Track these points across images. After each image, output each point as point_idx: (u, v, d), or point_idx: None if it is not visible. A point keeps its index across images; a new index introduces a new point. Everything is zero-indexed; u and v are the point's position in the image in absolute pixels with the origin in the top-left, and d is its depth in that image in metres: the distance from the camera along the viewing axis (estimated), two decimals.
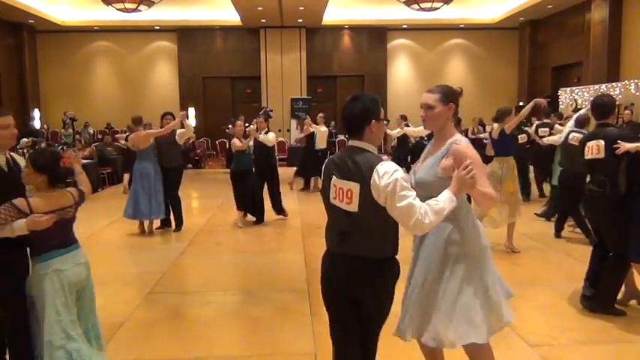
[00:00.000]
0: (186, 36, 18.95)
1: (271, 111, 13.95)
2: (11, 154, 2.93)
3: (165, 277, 5.34)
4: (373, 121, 2.39)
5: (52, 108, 18.47)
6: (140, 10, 14.70)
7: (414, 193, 2.23)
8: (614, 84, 12.32)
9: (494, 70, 19.23)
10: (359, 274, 2.37)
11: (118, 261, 6.14)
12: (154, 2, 14.67)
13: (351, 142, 2.41)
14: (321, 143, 10.92)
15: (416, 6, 14.43)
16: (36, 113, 17.91)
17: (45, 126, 17.80)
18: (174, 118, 7.19)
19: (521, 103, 17.54)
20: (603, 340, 3.70)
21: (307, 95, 18.56)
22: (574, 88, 13.96)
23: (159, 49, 19.37)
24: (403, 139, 11.37)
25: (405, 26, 18.77)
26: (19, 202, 2.67)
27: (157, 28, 18.59)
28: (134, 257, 6.32)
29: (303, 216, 8.30)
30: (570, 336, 3.74)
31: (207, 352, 3.65)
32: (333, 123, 18.20)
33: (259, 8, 15.80)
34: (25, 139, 13.13)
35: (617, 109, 4.23)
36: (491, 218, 6.01)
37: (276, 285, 5.06)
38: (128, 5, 14.16)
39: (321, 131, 10.91)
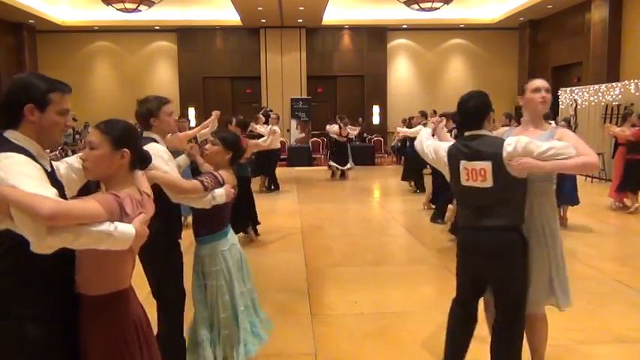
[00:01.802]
0: (186, 36, 18.95)
1: (270, 111, 13.96)
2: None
3: None
4: (491, 112, 2.84)
5: None
6: (140, 10, 14.70)
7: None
8: (614, 84, 12.32)
9: (494, 70, 19.22)
10: (495, 244, 2.69)
11: None
12: (154, 2, 14.68)
13: (470, 132, 2.79)
14: (274, 144, 10.94)
15: (416, 6, 14.44)
16: None
17: None
18: (187, 120, 7.48)
19: (520, 103, 17.55)
20: (603, 340, 3.70)
21: (307, 95, 18.57)
22: (574, 88, 13.95)
23: (159, 49, 19.37)
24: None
25: (405, 26, 18.78)
26: (216, 173, 2.83)
27: (156, 28, 18.59)
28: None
29: (303, 216, 8.30)
30: (570, 336, 3.73)
31: None
32: (337, 122, 18.18)
33: (259, 8, 15.80)
34: None
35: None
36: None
37: (276, 285, 5.05)
38: (128, 5, 14.17)
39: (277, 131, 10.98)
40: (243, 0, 14.92)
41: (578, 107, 13.15)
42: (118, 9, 14.40)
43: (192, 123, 18.89)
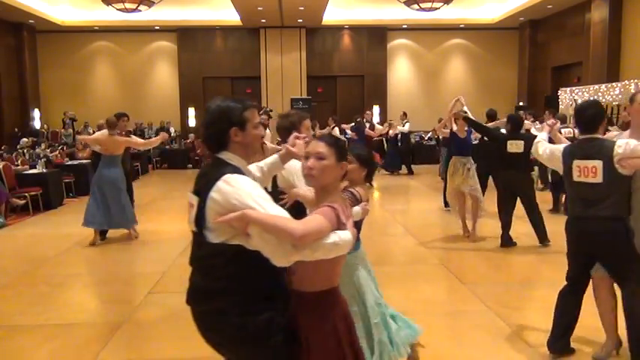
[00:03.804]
0: (186, 36, 18.95)
1: (271, 111, 13.97)
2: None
3: (166, 277, 5.33)
4: (605, 119, 3.42)
5: (52, 108, 18.46)
6: (140, 10, 14.70)
7: None
8: (614, 84, 12.31)
9: (494, 70, 19.22)
10: (602, 232, 3.16)
11: (118, 261, 6.14)
12: (154, 2, 14.67)
13: (586, 135, 3.30)
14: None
15: (416, 6, 14.43)
16: (36, 113, 17.88)
17: (45, 126, 17.78)
18: (127, 119, 7.62)
19: (521, 103, 17.56)
20: (603, 341, 3.69)
21: (307, 95, 18.56)
22: (574, 88, 13.95)
23: (159, 49, 19.36)
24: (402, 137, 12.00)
25: (405, 26, 18.77)
26: (354, 190, 2.90)
27: (156, 28, 18.58)
28: (134, 257, 6.32)
29: None
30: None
31: (207, 352, 3.61)
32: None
33: (259, 8, 15.79)
34: (25, 139, 13.16)
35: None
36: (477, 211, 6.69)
37: None
38: (128, 5, 14.16)
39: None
40: (243, 0, 14.91)
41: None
42: (118, 9, 14.40)
43: (193, 123, 18.98)
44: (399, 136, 13.85)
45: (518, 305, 4.46)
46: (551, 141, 3.78)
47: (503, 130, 6.61)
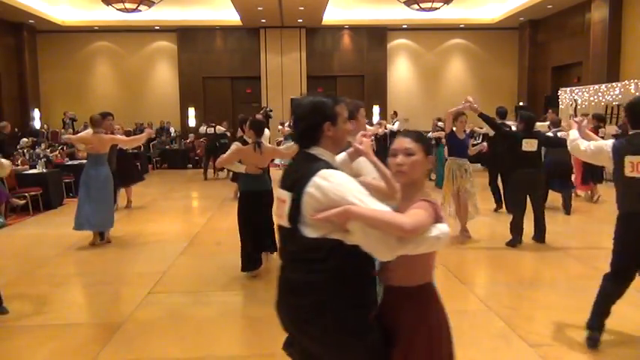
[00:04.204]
0: (186, 36, 18.96)
1: (271, 111, 13.96)
2: None
3: (165, 277, 5.33)
4: None
5: (52, 108, 18.47)
6: (140, 10, 14.71)
7: None
8: (614, 84, 12.32)
9: (494, 70, 19.23)
10: None
11: (117, 261, 6.14)
12: (154, 2, 14.68)
13: (637, 130, 3.36)
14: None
15: (416, 6, 14.45)
16: (36, 113, 17.90)
17: (45, 126, 17.78)
18: (113, 118, 7.47)
19: (521, 103, 17.56)
20: (603, 340, 3.69)
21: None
22: (574, 88, 13.96)
23: (159, 49, 19.37)
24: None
25: (405, 26, 18.78)
26: None
27: (156, 28, 18.59)
28: (134, 257, 6.32)
29: None
30: (570, 335, 3.73)
31: (207, 352, 3.65)
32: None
33: (259, 8, 15.80)
34: (25, 139, 13.15)
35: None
36: (469, 213, 6.53)
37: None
38: (128, 5, 14.17)
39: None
40: (243, 0, 14.92)
41: (578, 107, 13.15)
42: (118, 9, 14.41)
43: (192, 123, 18.98)
44: (389, 134, 13.84)
45: (518, 305, 4.46)
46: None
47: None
